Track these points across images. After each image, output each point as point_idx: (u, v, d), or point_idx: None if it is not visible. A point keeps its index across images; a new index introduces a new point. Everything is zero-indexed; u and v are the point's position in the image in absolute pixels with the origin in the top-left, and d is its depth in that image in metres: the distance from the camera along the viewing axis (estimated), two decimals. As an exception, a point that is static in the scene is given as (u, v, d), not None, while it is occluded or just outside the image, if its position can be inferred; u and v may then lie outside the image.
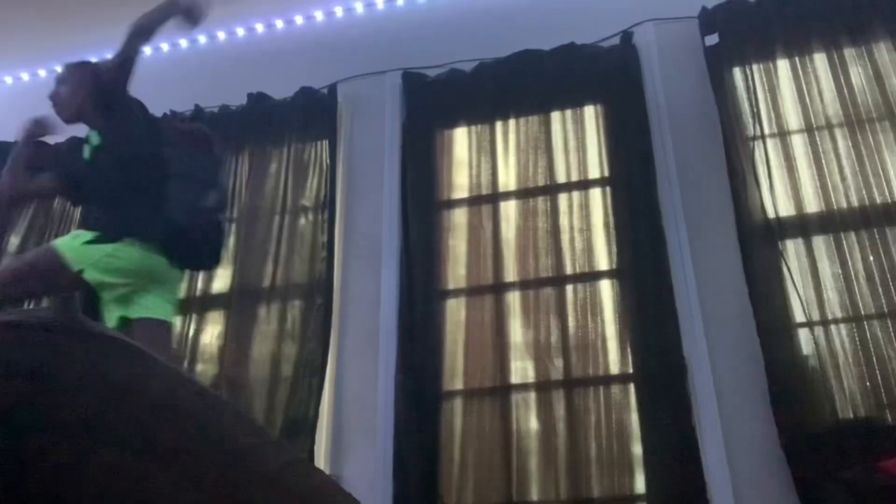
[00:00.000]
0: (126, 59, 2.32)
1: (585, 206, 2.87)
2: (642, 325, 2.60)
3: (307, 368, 2.79)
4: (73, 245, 2.20)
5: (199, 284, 3.11)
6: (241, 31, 3.81)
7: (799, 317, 2.46)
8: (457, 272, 2.88)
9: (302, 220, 3.13)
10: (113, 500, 0.43)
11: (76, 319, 0.53)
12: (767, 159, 2.70)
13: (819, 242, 2.56)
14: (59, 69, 2.58)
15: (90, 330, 0.52)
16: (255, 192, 3.23)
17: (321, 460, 2.68)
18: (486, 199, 3.00)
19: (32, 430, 0.43)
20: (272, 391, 2.78)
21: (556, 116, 3.07)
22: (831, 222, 2.58)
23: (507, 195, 2.98)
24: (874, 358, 2.35)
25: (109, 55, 3.90)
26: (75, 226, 3.49)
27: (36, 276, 2.23)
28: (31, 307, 2.81)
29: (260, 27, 3.78)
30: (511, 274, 2.83)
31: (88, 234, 2.23)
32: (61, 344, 0.47)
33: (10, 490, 0.42)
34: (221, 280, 3.12)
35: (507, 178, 3.02)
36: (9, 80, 4.12)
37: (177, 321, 3.09)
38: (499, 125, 3.11)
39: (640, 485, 2.42)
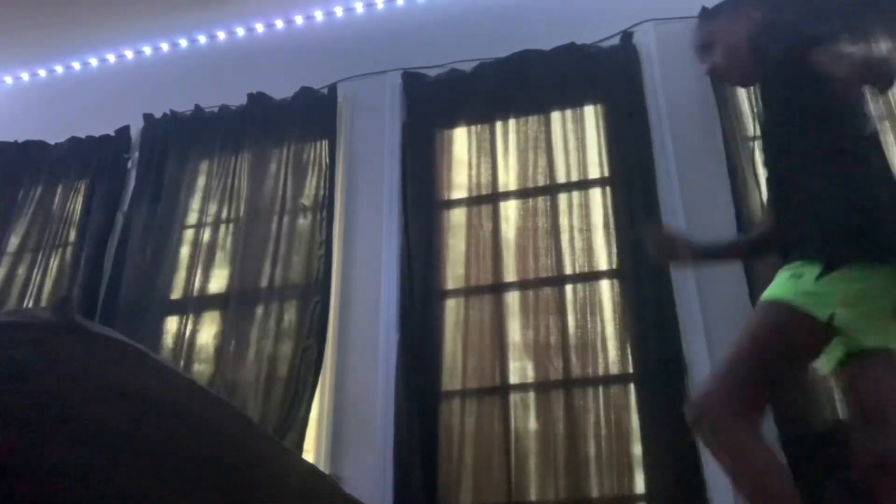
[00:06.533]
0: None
1: (585, 206, 2.87)
2: (642, 325, 2.60)
3: (303, 366, 2.79)
4: (799, 286, 1.54)
5: (196, 284, 3.11)
6: (241, 31, 3.81)
7: (799, 317, 2.46)
8: (456, 272, 2.88)
9: (301, 220, 3.12)
10: (107, 500, 0.42)
11: (72, 319, 0.53)
12: (767, 159, 2.70)
13: (819, 242, 2.55)
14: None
15: (87, 330, 0.52)
16: (255, 192, 3.23)
17: (321, 460, 2.67)
18: (485, 199, 2.99)
19: (23, 429, 0.43)
20: (268, 390, 2.77)
21: (556, 116, 3.06)
22: (831, 222, 2.57)
23: (506, 195, 2.98)
24: (874, 358, 2.35)
25: (108, 55, 3.95)
26: (75, 227, 3.44)
27: (774, 352, 1.57)
28: (28, 307, 2.79)
29: (260, 27, 3.78)
30: (511, 274, 2.82)
31: (803, 268, 1.56)
32: (57, 344, 0.47)
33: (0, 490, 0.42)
34: (219, 280, 3.11)
35: (507, 178, 3.01)
36: (9, 80, 4.12)
37: (173, 322, 3.08)
38: (499, 125, 3.11)
39: (639, 485, 2.41)
